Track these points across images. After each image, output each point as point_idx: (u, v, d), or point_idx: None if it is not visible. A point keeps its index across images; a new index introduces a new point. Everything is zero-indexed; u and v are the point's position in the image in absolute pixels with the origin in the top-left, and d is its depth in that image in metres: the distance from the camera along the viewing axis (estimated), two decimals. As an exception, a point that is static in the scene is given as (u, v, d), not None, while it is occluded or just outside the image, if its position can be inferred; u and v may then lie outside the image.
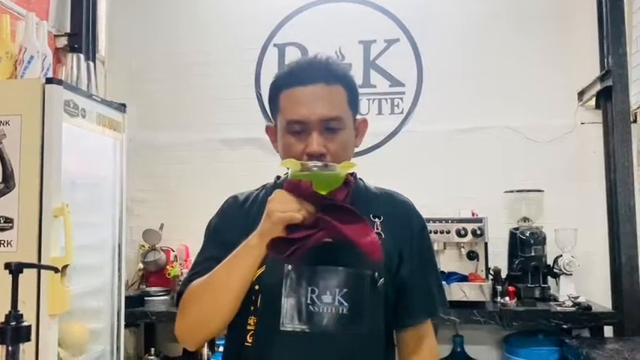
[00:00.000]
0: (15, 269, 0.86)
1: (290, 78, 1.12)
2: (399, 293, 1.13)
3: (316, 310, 1.05)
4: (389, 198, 1.21)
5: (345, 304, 1.06)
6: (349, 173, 1.05)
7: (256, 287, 1.06)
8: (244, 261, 1.02)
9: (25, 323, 0.86)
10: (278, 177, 1.24)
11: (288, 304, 1.05)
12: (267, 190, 1.20)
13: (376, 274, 1.08)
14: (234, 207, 1.20)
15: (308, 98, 1.09)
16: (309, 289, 1.06)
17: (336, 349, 1.05)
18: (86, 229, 2.24)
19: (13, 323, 0.84)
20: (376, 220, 1.14)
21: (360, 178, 1.23)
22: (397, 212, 1.18)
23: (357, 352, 1.06)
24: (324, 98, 1.09)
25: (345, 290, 1.06)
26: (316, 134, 1.07)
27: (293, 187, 0.98)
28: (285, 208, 0.95)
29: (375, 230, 1.12)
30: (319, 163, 0.99)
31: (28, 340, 0.85)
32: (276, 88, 1.14)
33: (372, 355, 1.09)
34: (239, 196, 1.23)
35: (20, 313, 0.85)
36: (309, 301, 1.06)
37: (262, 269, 1.05)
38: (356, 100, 1.16)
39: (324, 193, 0.97)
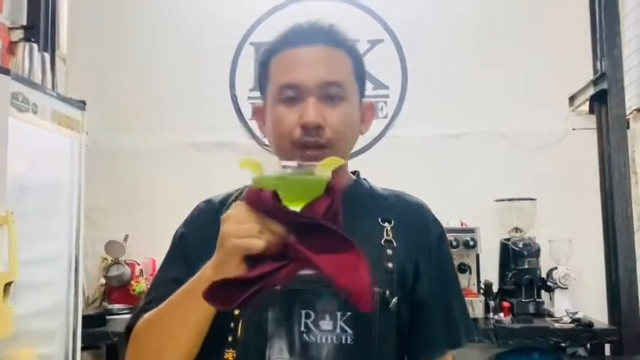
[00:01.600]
0: None
1: (284, 40, 0.93)
2: (414, 317, 0.91)
3: (312, 340, 0.84)
4: (399, 199, 1.00)
5: (349, 331, 0.84)
6: (335, 173, 0.74)
7: (235, 312, 0.84)
8: (194, 303, 0.75)
9: None
10: None
11: (276, 333, 0.83)
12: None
13: (387, 292, 0.86)
14: (208, 213, 0.99)
15: (304, 59, 0.90)
16: (303, 313, 0.85)
17: None
18: (37, 241, 1.99)
19: None
20: (386, 224, 0.93)
21: (364, 178, 1.04)
22: (410, 215, 0.97)
23: None
24: (324, 60, 0.90)
25: (348, 314, 0.84)
26: (313, 100, 0.88)
27: (255, 199, 0.71)
28: (241, 231, 0.71)
29: (385, 237, 0.91)
30: (292, 164, 0.73)
31: None
32: (267, 53, 0.95)
33: None
34: (214, 199, 1.03)
35: None
36: (303, 329, 0.84)
37: None
38: (363, 74, 0.97)
39: (299, 205, 0.71)
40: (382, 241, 0.91)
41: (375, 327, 0.85)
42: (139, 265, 2.97)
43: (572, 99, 3.00)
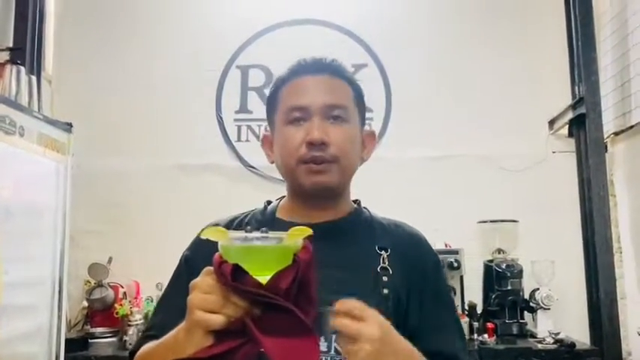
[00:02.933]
0: None
1: (291, 72, 1.01)
2: (410, 341, 0.92)
3: None
4: (398, 229, 1.05)
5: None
6: (305, 242, 0.72)
7: None
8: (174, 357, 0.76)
9: None
10: (269, 202, 1.08)
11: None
12: (255, 215, 1.04)
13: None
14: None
15: (311, 86, 0.98)
16: None
17: None
18: (21, 264, 1.98)
19: None
20: (382, 252, 0.97)
21: (364, 207, 1.08)
22: (407, 245, 1.01)
23: None
24: (328, 87, 0.98)
25: None
26: (318, 119, 0.94)
27: (218, 269, 0.69)
28: (205, 304, 0.70)
29: (381, 264, 0.94)
30: (256, 234, 0.71)
31: None
32: (277, 84, 1.02)
33: None
34: (220, 222, 1.04)
35: None
36: None
37: None
38: (363, 105, 1.05)
39: (267, 275, 0.68)
40: (378, 268, 0.95)
41: None
42: (122, 287, 2.94)
43: (551, 122, 3.08)
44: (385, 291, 0.93)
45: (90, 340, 2.69)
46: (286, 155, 0.96)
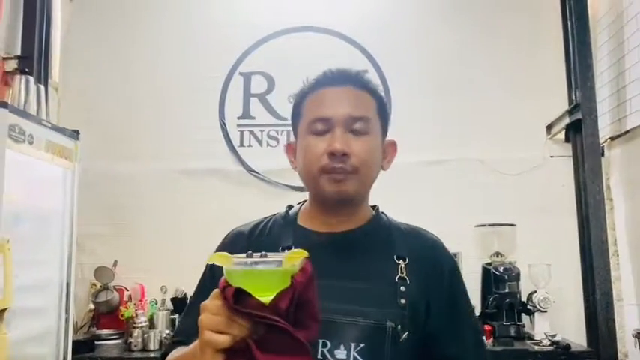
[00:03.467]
0: None
1: (316, 83, 1.04)
2: (429, 349, 0.97)
3: None
4: (416, 236, 1.07)
5: None
6: (302, 266, 0.76)
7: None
8: None
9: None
10: (290, 206, 1.11)
11: None
12: (277, 221, 1.07)
13: (399, 326, 0.92)
14: (238, 241, 1.04)
15: (333, 98, 1.00)
16: (321, 341, 0.91)
17: None
18: (30, 268, 2.04)
19: None
20: (400, 262, 0.99)
21: (382, 212, 1.11)
22: (425, 253, 1.03)
23: None
24: (351, 99, 1.00)
25: (362, 345, 0.91)
26: (340, 131, 0.97)
27: (223, 292, 0.74)
28: (212, 324, 0.74)
29: (399, 274, 0.97)
30: (256, 258, 0.74)
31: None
32: (302, 94, 1.05)
33: None
34: (243, 229, 1.08)
35: None
36: (320, 356, 0.90)
37: None
38: (386, 115, 1.07)
39: (269, 295, 0.72)
40: (396, 278, 0.97)
41: (386, 358, 0.91)
42: (127, 290, 3.00)
43: (549, 127, 3.12)
44: (402, 301, 0.95)
45: (96, 342, 2.74)
46: (309, 164, 0.99)
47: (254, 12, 3.33)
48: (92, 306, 2.99)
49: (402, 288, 0.96)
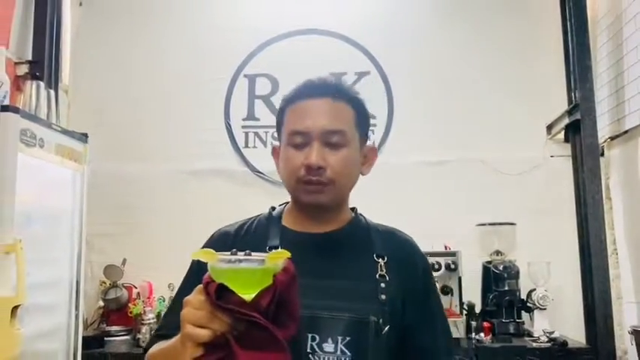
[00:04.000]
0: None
1: (297, 93, 1.08)
2: (404, 341, 1.04)
3: None
4: (392, 236, 1.13)
5: (348, 353, 0.97)
6: (286, 263, 0.79)
7: None
8: None
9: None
10: (273, 207, 1.16)
11: None
12: (261, 221, 1.13)
13: (381, 320, 0.99)
14: (224, 240, 1.09)
15: (312, 110, 1.04)
16: (310, 336, 0.97)
17: None
18: (41, 266, 2.11)
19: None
20: (380, 260, 1.05)
21: (360, 214, 1.16)
22: (401, 252, 1.10)
23: None
24: (329, 111, 1.04)
25: (348, 338, 0.97)
26: (317, 145, 1.02)
27: (207, 288, 0.76)
28: (194, 319, 0.76)
29: (379, 272, 1.04)
30: (240, 256, 0.76)
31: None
32: (284, 103, 1.10)
33: None
34: (229, 229, 1.13)
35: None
36: (309, 350, 0.96)
37: None
38: (365, 123, 1.11)
39: (251, 293, 0.75)
40: (377, 275, 1.03)
41: (369, 350, 0.97)
42: (136, 288, 3.08)
43: (549, 127, 3.16)
44: (383, 297, 1.01)
45: (105, 338, 2.82)
46: (288, 175, 1.05)
47: (258, 16, 3.39)
48: (102, 303, 3.07)
49: (382, 285, 1.02)
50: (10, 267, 1.81)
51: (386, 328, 0.99)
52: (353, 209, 1.16)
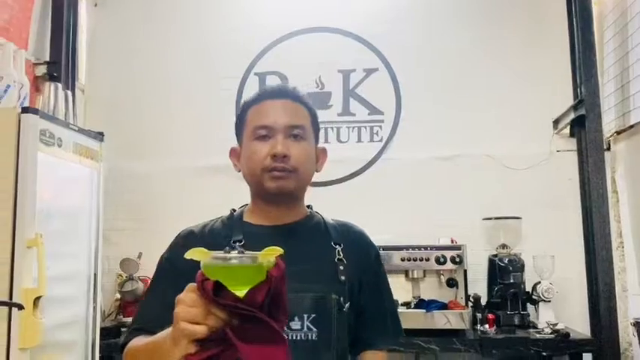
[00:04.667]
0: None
1: (258, 96, 1.20)
2: (357, 319, 1.16)
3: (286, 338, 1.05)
4: (345, 228, 1.25)
5: (314, 329, 1.07)
6: (278, 260, 0.82)
7: None
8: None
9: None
10: (234, 210, 1.25)
11: None
12: (224, 221, 1.22)
13: (342, 298, 1.10)
14: (190, 239, 1.18)
15: (275, 108, 1.16)
16: None
17: None
18: (61, 260, 2.21)
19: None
20: (337, 247, 1.17)
21: (316, 212, 1.27)
22: (354, 241, 1.22)
23: None
24: (290, 110, 1.17)
25: (313, 315, 1.08)
26: (281, 137, 1.13)
27: (201, 286, 0.78)
28: (189, 316, 0.79)
29: (337, 257, 1.15)
30: (235, 253, 0.78)
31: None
32: (244, 106, 1.21)
33: None
34: (194, 229, 1.23)
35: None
36: None
37: None
38: (317, 126, 1.24)
39: (242, 290, 0.76)
40: (336, 259, 1.15)
41: (333, 326, 1.09)
42: (151, 280, 3.18)
43: (555, 122, 3.19)
44: (342, 277, 1.13)
45: (122, 329, 2.92)
46: (253, 165, 1.14)
47: (268, 15, 3.46)
48: (118, 295, 3.17)
49: (341, 267, 1.14)
50: (32, 260, 1.91)
51: (346, 305, 1.11)
52: (309, 206, 1.28)
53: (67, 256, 2.36)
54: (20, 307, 1.27)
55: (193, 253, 0.79)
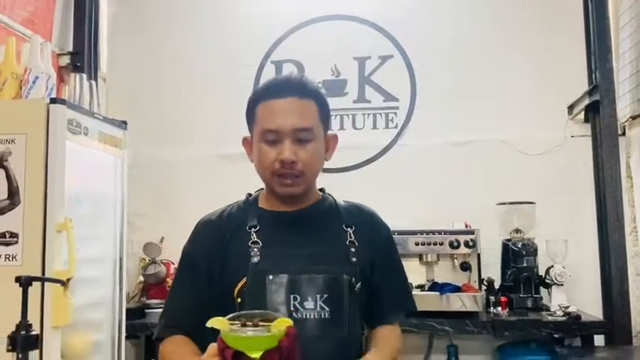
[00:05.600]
0: (24, 282, 0.93)
1: (266, 92, 1.22)
2: (371, 297, 1.22)
3: (299, 317, 1.12)
4: (357, 210, 1.30)
5: (327, 308, 1.14)
6: (287, 328, 0.93)
7: (238, 300, 1.14)
8: None
9: (33, 332, 0.92)
10: (249, 194, 1.32)
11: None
12: (240, 206, 1.28)
13: (353, 278, 1.17)
14: (209, 229, 1.27)
15: (282, 109, 1.18)
16: (292, 296, 1.13)
17: (318, 352, 1.11)
18: (88, 243, 2.31)
19: (23, 332, 0.91)
20: (348, 229, 1.22)
21: (328, 194, 1.32)
22: (366, 222, 1.27)
23: (338, 354, 1.14)
24: (297, 110, 1.18)
25: (325, 295, 1.14)
26: (288, 142, 1.16)
27: (221, 351, 0.92)
28: None
29: (349, 239, 1.21)
30: (248, 328, 0.91)
31: (37, 348, 0.92)
32: (254, 101, 1.24)
33: (350, 355, 1.17)
34: (211, 217, 1.30)
35: (30, 322, 0.92)
36: (292, 309, 1.13)
37: (242, 282, 1.12)
38: (327, 115, 1.26)
39: (258, 353, 0.89)
40: (347, 242, 1.21)
41: (345, 305, 1.15)
42: (173, 264, 3.27)
43: (570, 108, 3.20)
44: (354, 259, 1.19)
45: (146, 310, 3.04)
46: (263, 168, 1.21)
47: (285, 3, 3.51)
48: (142, 278, 3.28)
49: (353, 249, 1.20)
50: (62, 243, 2.02)
51: (358, 285, 1.17)
52: (321, 189, 1.32)
53: (95, 240, 2.46)
54: (62, 282, 1.36)
55: (214, 323, 0.91)
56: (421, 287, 2.85)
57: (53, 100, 2.08)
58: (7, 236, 2.00)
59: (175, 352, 1.15)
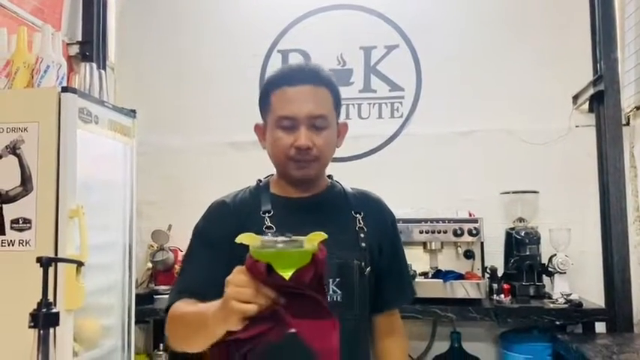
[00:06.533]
0: (45, 262, 0.98)
1: (281, 79, 1.23)
2: (377, 281, 1.26)
3: None
4: (364, 196, 1.34)
5: (339, 292, 1.18)
6: (321, 245, 0.89)
7: None
8: (205, 329, 0.98)
9: (54, 310, 0.97)
10: (260, 180, 1.34)
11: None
12: (252, 191, 1.30)
13: (363, 263, 1.21)
14: (223, 208, 1.28)
15: (297, 97, 1.20)
16: None
17: None
18: (98, 230, 2.35)
19: (44, 310, 0.95)
20: (357, 215, 1.26)
21: (336, 181, 1.36)
22: (373, 208, 1.32)
23: (350, 336, 1.17)
24: (312, 97, 1.20)
25: (338, 279, 1.18)
26: (304, 129, 1.19)
27: (252, 268, 0.85)
28: (240, 295, 0.86)
29: (358, 225, 1.24)
30: (282, 238, 0.85)
31: (57, 324, 0.96)
32: (268, 88, 1.25)
33: (361, 337, 1.22)
34: (225, 199, 1.31)
35: (50, 300, 0.97)
36: None
37: None
38: (339, 103, 1.28)
39: (288, 272, 0.83)
40: (356, 228, 1.25)
41: (356, 288, 1.20)
42: (181, 251, 3.31)
43: (575, 98, 3.22)
44: (363, 244, 1.23)
45: (154, 296, 3.09)
46: (278, 153, 1.22)
47: (291, -8, 3.53)
48: (150, 265, 3.35)
49: (362, 235, 1.24)
50: (74, 229, 2.06)
51: (367, 270, 1.21)
52: (329, 176, 1.36)
53: (104, 226, 2.51)
54: (80, 263, 1.41)
55: (244, 238, 0.86)
56: (425, 275, 2.89)
57: (64, 89, 2.12)
58: (21, 222, 2.05)
59: (180, 307, 1.13)
